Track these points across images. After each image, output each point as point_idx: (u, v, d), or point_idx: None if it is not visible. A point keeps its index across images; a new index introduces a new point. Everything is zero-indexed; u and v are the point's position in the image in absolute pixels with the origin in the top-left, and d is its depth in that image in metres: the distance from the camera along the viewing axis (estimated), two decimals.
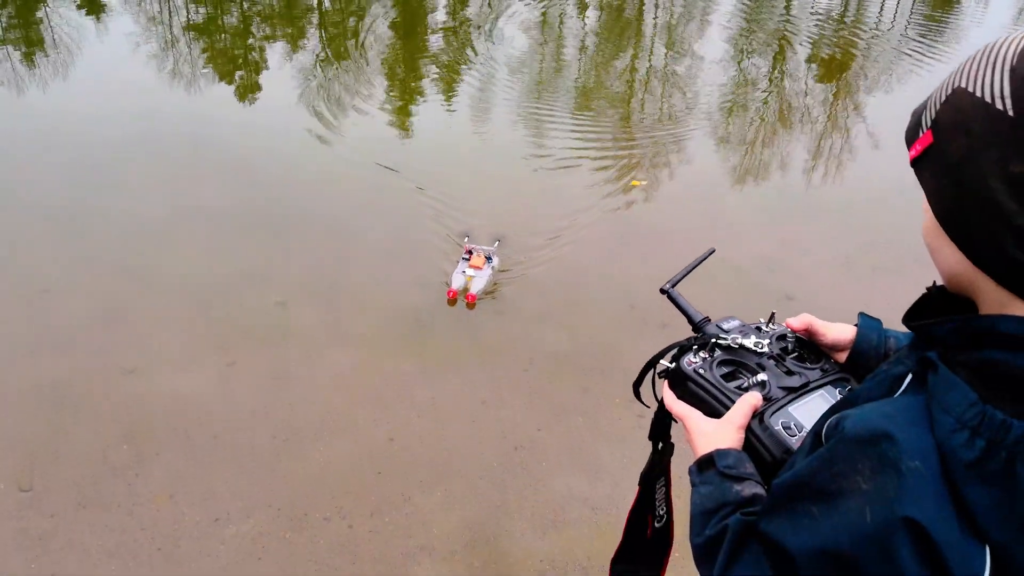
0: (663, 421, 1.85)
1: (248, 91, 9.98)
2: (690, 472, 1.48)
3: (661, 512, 1.97)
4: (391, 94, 9.91)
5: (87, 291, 5.80)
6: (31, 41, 10.75)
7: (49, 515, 3.94)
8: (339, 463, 4.30)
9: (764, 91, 10.44)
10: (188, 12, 12.19)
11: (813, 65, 11.39)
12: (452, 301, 5.45)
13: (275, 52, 11.04)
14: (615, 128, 9.29)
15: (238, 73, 10.45)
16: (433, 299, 5.82)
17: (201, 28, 11.70)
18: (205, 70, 10.35)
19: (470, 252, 5.78)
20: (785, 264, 6.38)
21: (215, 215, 6.97)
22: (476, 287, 5.45)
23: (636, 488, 1.89)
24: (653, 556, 2.00)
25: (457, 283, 5.48)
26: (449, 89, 10.04)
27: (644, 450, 4.19)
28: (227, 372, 4.98)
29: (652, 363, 1.78)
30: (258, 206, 7.11)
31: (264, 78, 10.24)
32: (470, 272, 5.57)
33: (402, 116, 9.38)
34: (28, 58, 10.30)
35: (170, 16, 11.86)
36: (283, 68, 10.42)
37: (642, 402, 1.89)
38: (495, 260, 5.77)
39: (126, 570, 3.66)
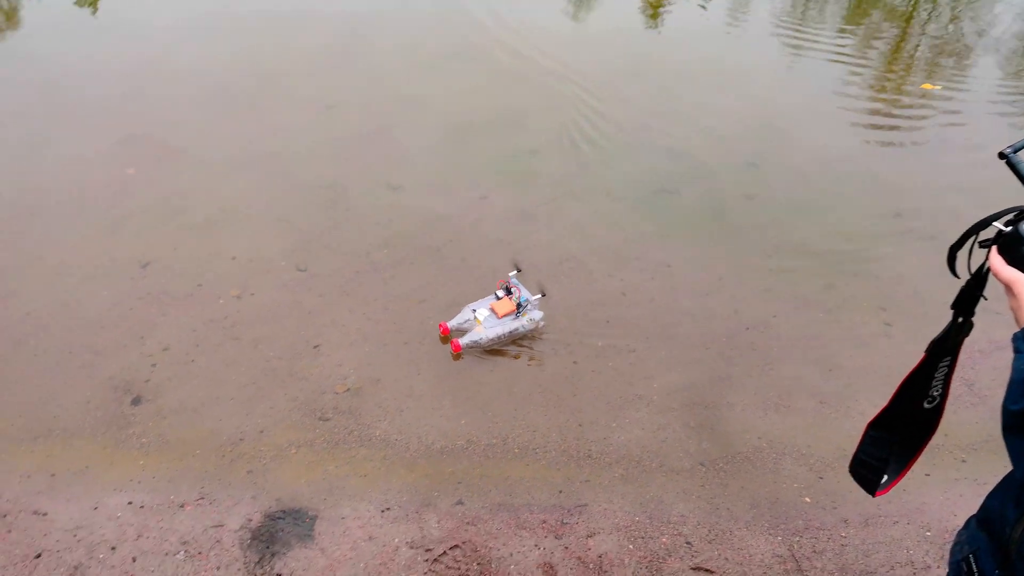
0: (972, 293, 1.71)
1: None
2: (1015, 339, 1.37)
3: (935, 394, 1.85)
4: None
5: (364, 111, 6.28)
6: None
7: (318, 295, 4.43)
8: (571, 304, 4.44)
9: None
10: None
11: None
12: (444, 338, 4.17)
13: None
14: (890, 42, 8.38)
15: None
16: (682, 168, 5.73)
17: None
18: None
19: (507, 291, 4.20)
20: None
21: (477, 61, 7.21)
22: (470, 338, 4.08)
23: (890, 396, 1.78)
24: (913, 435, 1.89)
25: (458, 320, 4.16)
26: None
27: (885, 358, 3.95)
28: (479, 203, 5.24)
29: (983, 224, 1.63)
30: (514, 61, 7.25)
31: None
32: (482, 314, 4.13)
33: (653, 7, 9.04)
34: None
35: None
36: None
37: (953, 272, 1.75)
38: (531, 316, 4.19)
39: (376, 354, 4.06)
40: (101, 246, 4.71)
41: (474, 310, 4.17)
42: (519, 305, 4.13)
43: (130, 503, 3.26)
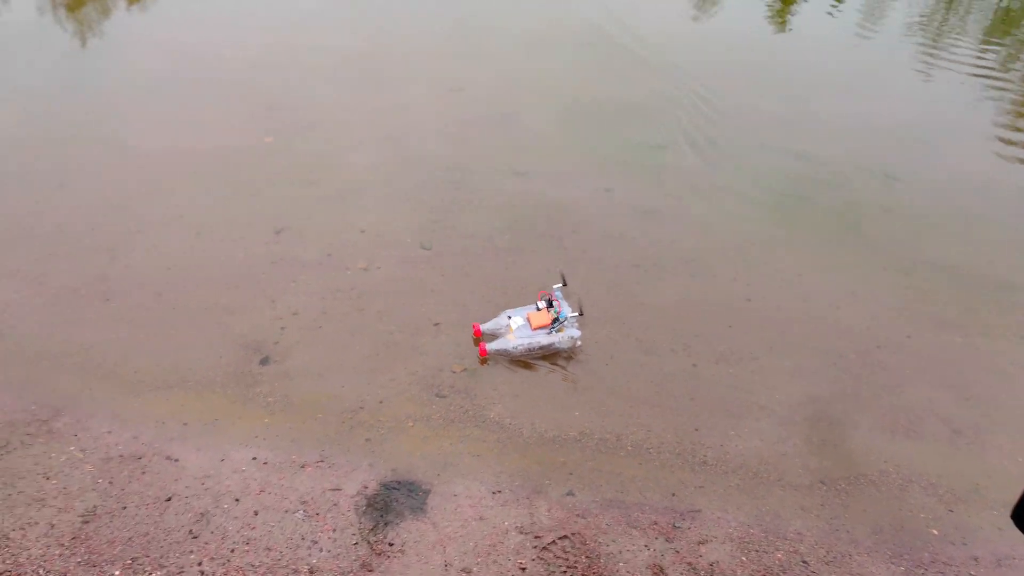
0: None
1: None
2: None
3: None
4: None
5: (491, 96, 6.32)
6: None
7: (441, 274, 4.49)
8: (693, 305, 4.34)
9: None
10: None
11: None
12: (476, 339, 4.02)
13: None
14: None
15: None
16: (815, 174, 5.52)
17: None
18: None
19: (549, 304, 4.01)
20: None
21: (604, 52, 7.14)
22: (499, 345, 3.93)
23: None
24: None
25: (492, 324, 4.03)
26: None
27: None
28: (603, 196, 5.19)
29: None
30: (641, 55, 7.14)
31: None
32: (516, 323, 3.97)
33: (781, 9, 8.72)
34: None
35: None
36: None
37: None
38: (569, 334, 3.97)
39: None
40: (239, 209, 4.92)
41: (509, 316, 4.01)
42: (556, 319, 3.94)
43: (254, 458, 3.38)
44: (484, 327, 4.04)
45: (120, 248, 4.58)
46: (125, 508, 3.13)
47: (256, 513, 3.13)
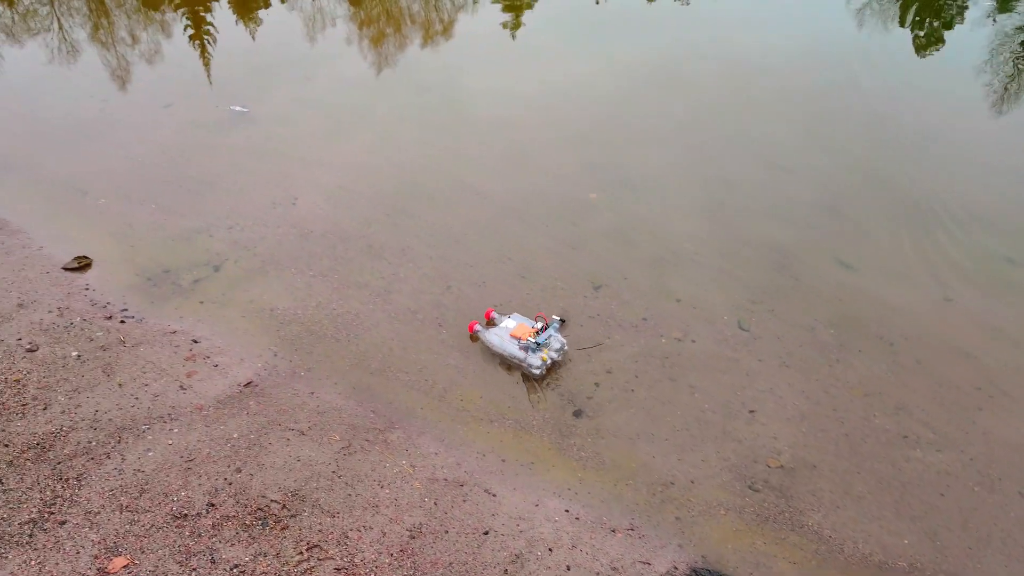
0: None
1: None
2: None
3: None
4: None
5: (819, 179, 6.08)
6: None
7: (758, 359, 4.36)
8: None
9: None
10: None
11: None
12: (486, 321, 4.59)
13: None
14: None
15: None
16: None
17: None
18: None
19: (544, 328, 4.34)
20: None
21: (952, 147, 6.63)
22: (483, 333, 4.44)
23: None
24: None
25: (498, 317, 4.54)
26: None
27: None
28: (941, 305, 4.78)
29: None
30: (965, 156, 6.54)
31: None
32: (506, 324, 4.43)
33: None
34: None
35: None
36: None
37: None
38: (531, 361, 4.22)
39: (813, 436, 3.88)
40: (561, 260, 5.12)
41: (509, 316, 4.51)
42: (531, 340, 4.23)
43: (567, 511, 3.45)
44: (494, 315, 4.56)
45: (455, 280, 4.93)
46: (447, 532, 3.31)
47: (568, 568, 3.17)
